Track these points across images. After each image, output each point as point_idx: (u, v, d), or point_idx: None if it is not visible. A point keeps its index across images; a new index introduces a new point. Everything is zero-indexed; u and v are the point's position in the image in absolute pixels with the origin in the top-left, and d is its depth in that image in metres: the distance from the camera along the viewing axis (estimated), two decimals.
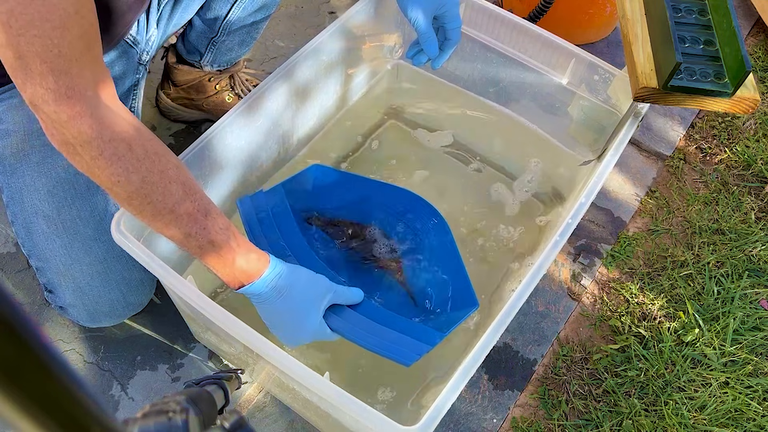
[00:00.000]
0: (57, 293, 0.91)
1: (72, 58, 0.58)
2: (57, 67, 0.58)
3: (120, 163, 0.62)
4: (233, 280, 0.70)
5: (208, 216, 0.68)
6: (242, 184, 0.99)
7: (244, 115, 0.90)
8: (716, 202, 1.26)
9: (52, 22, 0.56)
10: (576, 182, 1.06)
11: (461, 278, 0.90)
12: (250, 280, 0.70)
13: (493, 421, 0.99)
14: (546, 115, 1.13)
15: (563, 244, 0.79)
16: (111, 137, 0.61)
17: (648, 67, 0.81)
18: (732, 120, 1.39)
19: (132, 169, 0.63)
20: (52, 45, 0.57)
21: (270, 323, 0.75)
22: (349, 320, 0.78)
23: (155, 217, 0.66)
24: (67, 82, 0.58)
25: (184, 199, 0.66)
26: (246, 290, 0.71)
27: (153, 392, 0.97)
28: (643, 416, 1.00)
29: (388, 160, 1.16)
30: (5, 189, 0.88)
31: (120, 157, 0.62)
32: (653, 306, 1.12)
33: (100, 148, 0.61)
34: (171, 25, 0.98)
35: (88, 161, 0.62)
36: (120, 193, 0.64)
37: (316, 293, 0.75)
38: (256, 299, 0.72)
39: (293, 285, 0.73)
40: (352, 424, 0.75)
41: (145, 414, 0.37)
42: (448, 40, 0.91)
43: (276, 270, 0.72)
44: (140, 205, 0.65)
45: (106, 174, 0.62)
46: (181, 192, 0.66)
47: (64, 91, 0.59)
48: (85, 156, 0.62)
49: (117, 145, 0.62)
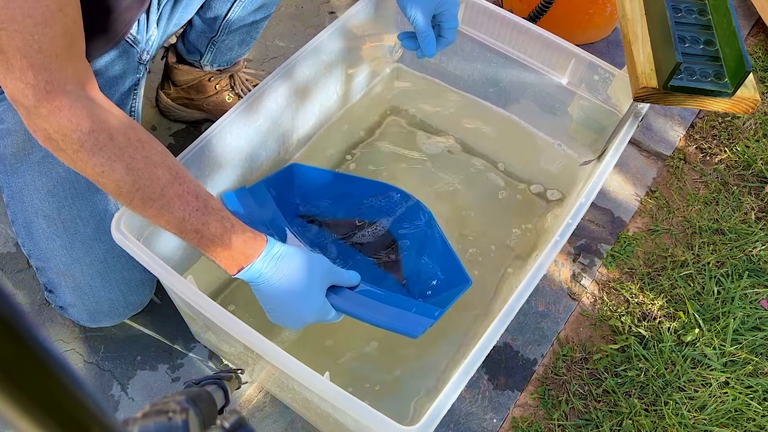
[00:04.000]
0: (57, 293, 0.91)
1: (53, 53, 0.59)
2: (37, 62, 0.58)
3: (102, 153, 0.62)
4: (232, 263, 0.70)
5: (199, 197, 0.68)
6: (242, 183, 0.99)
7: (244, 115, 0.90)
8: (716, 202, 1.26)
9: (34, 18, 0.56)
10: (576, 182, 1.06)
11: (450, 259, 0.90)
12: (249, 260, 0.70)
13: (493, 421, 0.99)
14: (546, 115, 1.13)
15: (563, 244, 0.79)
16: (90, 128, 0.61)
17: (648, 67, 0.81)
18: (732, 120, 1.39)
19: (115, 157, 0.63)
20: (33, 41, 0.57)
21: (271, 306, 0.74)
22: (351, 299, 0.78)
23: (146, 204, 0.66)
24: (46, 77, 0.59)
25: (173, 183, 0.66)
26: (245, 273, 0.70)
27: (153, 392, 0.97)
28: (643, 416, 1.00)
29: (388, 160, 1.16)
30: (5, 189, 0.88)
31: (101, 147, 0.62)
32: (653, 306, 1.12)
33: (81, 140, 0.61)
34: (171, 24, 0.98)
35: (71, 155, 0.62)
36: (107, 183, 0.64)
37: (318, 271, 0.74)
38: (256, 281, 0.72)
39: (293, 263, 0.72)
40: (352, 424, 0.75)
41: (145, 414, 0.37)
42: (443, 38, 0.91)
43: (274, 248, 0.72)
44: (129, 194, 0.65)
45: (90, 165, 0.63)
46: (169, 175, 0.66)
47: (44, 86, 0.59)
48: (68, 150, 0.62)
49: (97, 136, 0.62)
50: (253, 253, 0.70)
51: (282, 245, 0.73)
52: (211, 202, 0.69)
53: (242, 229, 0.70)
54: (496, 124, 1.19)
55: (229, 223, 0.70)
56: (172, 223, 0.67)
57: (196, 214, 0.67)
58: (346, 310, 0.77)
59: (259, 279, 0.71)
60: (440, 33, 0.91)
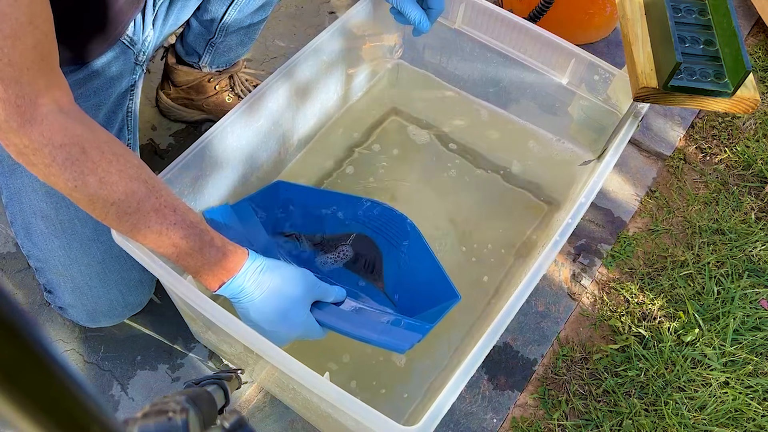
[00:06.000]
0: (56, 293, 0.91)
1: (23, 67, 0.57)
2: (6, 75, 0.56)
3: (74, 167, 0.61)
4: (212, 279, 0.69)
5: (177, 211, 0.66)
6: (243, 184, 0.99)
7: (244, 116, 0.90)
8: (716, 202, 1.26)
9: (3, 31, 0.55)
10: (576, 182, 1.06)
11: (437, 274, 0.89)
12: (230, 275, 0.69)
13: (493, 421, 0.99)
14: (546, 115, 1.13)
15: (563, 244, 0.79)
16: (62, 142, 0.60)
17: (648, 67, 0.81)
18: (732, 120, 1.39)
19: (87, 171, 0.61)
20: (2, 54, 0.56)
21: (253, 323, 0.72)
22: (337, 315, 0.76)
23: (121, 218, 0.64)
24: (17, 90, 0.57)
25: (149, 196, 0.65)
26: (227, 288, 0.69)
27: (153, 392, 0.97)
28: (643, 416, 1.00)
29: (388, 160, 1.16)
30: (4, 189, 0.88)
31: (74, 161, 0.61)
32: (653, 306, 1.12)
33: (53, 154, 0.60)
34: (167, 25, 0.98)
35: (43, 169, 0.61)
36: (80, 198, 0.63)
37: (302, 285, 0.73)
38: (238, 296, 0.70)
39: (276, 277, 0.71)
40: (352, 424, 0.75)
41: (145, 414, 0.37)
42: (432, 9, 0.91)
43: (256, 262, 0.70)
44: (104, 208, 0.63)
45: (62, 180, 0.61)
46: (144, 189, 0.65)
47: (14, 100, 0.57)
48: (39, 164, 0.60)
49: (70, 150, 0.60)
50: (234, 267, 0.69)
51: (264, 259, 0.71)
52: (190, 216, 0.67)
53: (222, 243, 0.69)
54: (496, 123, 1.19)
55: (209, 236, 0.68)
56: (149, 237, 0.66)
57: (174, 228, 0.66)
58: (331, 325, 0.75)
59: (241, 294, 0.70)
60: (428, 5, 0.91)
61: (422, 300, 0.88)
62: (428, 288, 0.89)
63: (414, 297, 0.90)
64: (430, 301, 0.88)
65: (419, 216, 1.01)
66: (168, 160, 1.11)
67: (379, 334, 0.76)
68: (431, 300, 0.88)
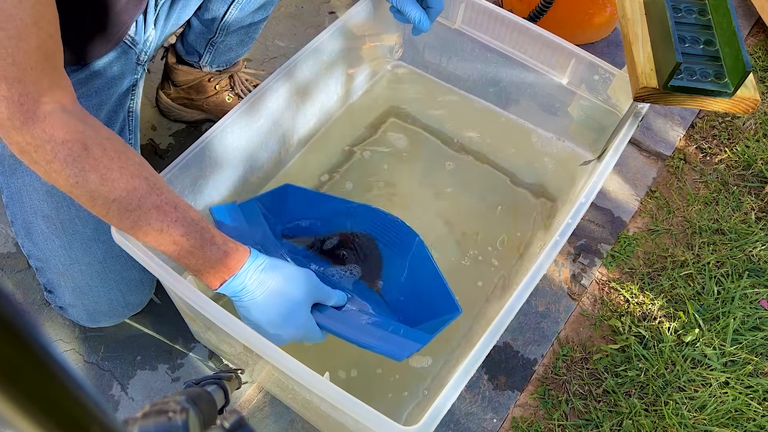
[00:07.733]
0: (56, 293, 0.91)
1: (27, 66, 0.58)
2: (10, 75, 0.57)
3: (76, 164, 0.61)
4: (214, 276, 0.69)
5: (178, 208, 0.66)
6: (243, 184, 0.99)
7: (244, 116, 0.90)
8: (716, 202, 1.26)
9: (8, 32, 0.56)
10: (576, 182, 1.06)
11: (439, 286, 0.88)
12: (231, 272, 0.69)
13: (493, 421, 0.99)
14: (546, 115, 1.13)
15: (563, 244, 0.79)
16: (64, 139, 0.60)
17: (648, 67, 0.81)
18: (732, 120, 1.39)
19: (89, 167, 0.62)
20: (6, 54, 0.56)
21: (253, 322, 0.72)
22: (337, 318, 0.76)
23: (122, 215, 0.65)
24: (20, 89, 0.58)
25: (150, 193, 0.65)
26: (228, 286, 0.69)
27: (153, 392, 0.97)
28: (643, 416, 1.00)
29: (388, 160, 1.16)
30: (5, 189, 0.88)
31: (75, 158, 0.61)
32: (653, 306, 1.12)
33: (54, 151, 0.60)
34: (169, 25, 0.98)
35: (44, 166, 0.61)
36: (81, 195, 0.63)
37: (304, 286, 0.73)
38: (239, 294, 0.70)
39: (278, 276, 0.71)
40: (352, 425, 0.75)
41: (145, 414, 0.37)
42: (431, 9, 0.91)
43: (257, 260, 0.70)
44: (105, 205, 0.64)
45: (63, 177, 0.61)
46: (146, 186, 0.65)
47: (17, 98, 0.58)
48: (41, 161, 0.61)
49: (71, 147, 0.61)
50: (235, 264, 0.69)
51: (266, 257, 0.71)
52: (191, 214, 0.67)
53: (224, 241, 0.69)
54: (496, 123, 1.19)
55: (210, 234, 0.68)
56: (150, 234, 0.66)
57: (175, 225, 0.66)
58: (331, 329, 0.75)
59: (243, 292, 0.70)
60: (428, 4, 0.91)
61: (423, 311, 0.88)
62: (430, 299, 0.89)
63: (415, 307, 0.89)
64: (431, 312, 0.87)
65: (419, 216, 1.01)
66: (168, 160, 1.11)
67: (378, 341, 0.76)
68: (432, 312, 0.87)
